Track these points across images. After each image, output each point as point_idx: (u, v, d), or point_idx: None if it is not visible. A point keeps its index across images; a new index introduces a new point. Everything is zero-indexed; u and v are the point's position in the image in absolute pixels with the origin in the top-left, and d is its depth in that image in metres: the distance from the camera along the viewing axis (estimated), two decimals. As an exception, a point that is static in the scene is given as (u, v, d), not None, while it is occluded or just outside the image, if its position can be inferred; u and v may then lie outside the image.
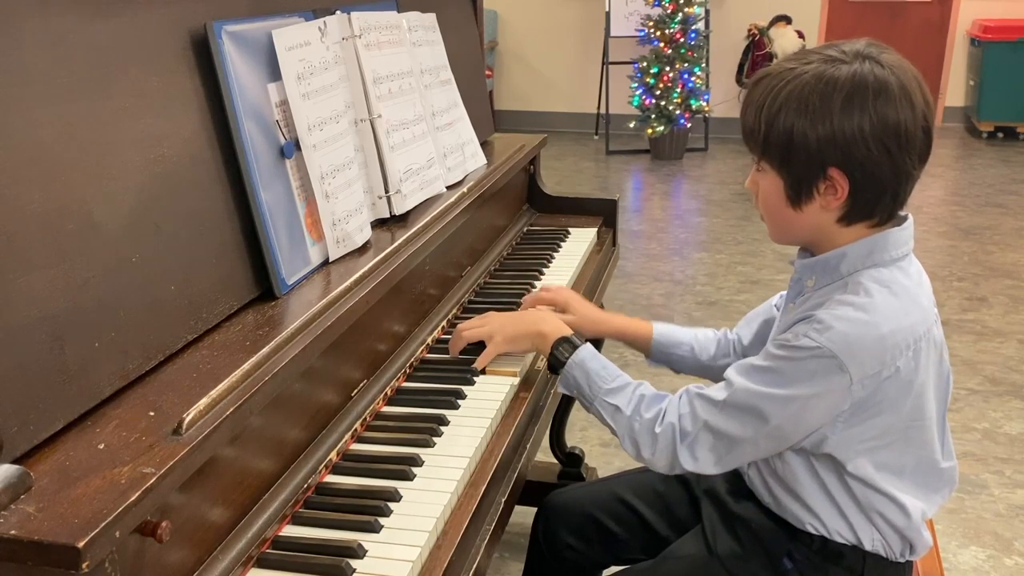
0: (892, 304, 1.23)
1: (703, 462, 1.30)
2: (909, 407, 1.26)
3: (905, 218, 1.29)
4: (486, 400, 1.47)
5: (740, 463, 1.32)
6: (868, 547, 1.32)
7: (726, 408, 1.27)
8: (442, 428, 1.38)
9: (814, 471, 1.30)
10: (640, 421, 1.34)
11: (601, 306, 1.99)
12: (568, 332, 1.49)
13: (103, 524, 0.81)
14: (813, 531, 1.33)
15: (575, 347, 1.46)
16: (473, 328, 1.58)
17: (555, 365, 1.47)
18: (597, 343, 2.01)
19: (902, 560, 1.34)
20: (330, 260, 1.45)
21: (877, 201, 1.24)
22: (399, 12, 1.81)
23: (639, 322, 1.69)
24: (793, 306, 1.34)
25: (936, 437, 1.32)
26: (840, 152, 1.19)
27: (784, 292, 1.55)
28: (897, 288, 1.24)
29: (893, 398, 1.24)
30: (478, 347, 1.60)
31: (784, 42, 7.11)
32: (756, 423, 1.25)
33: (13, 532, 0.80)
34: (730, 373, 1.30)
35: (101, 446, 0.93)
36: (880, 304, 1.22)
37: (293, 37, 1.41)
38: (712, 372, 1.66)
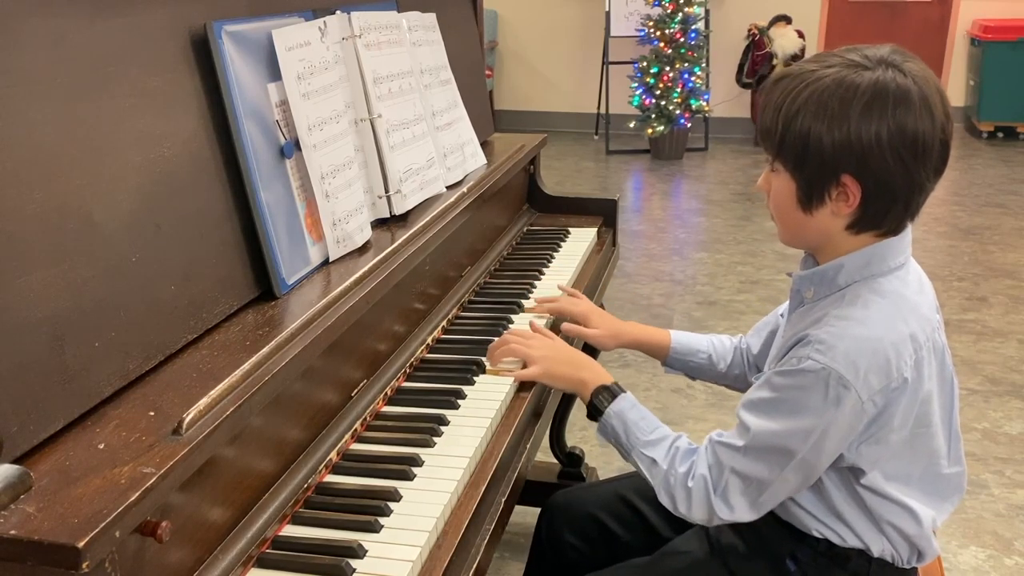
0: (891, 315, 1.22)
1: (739, 509, 1.28)
2: (915, 415, 1.25)
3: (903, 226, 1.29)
4: (486, 400, 1.47)
5: (774, 504, 1.30)
6: (876, 553, 1.31)
7: (749, 452, 1.26)
8: (442, 428, 1.38)
9: (819, 484, 1.30)
10: (675, 475, 1.32)
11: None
12: (608, 380, 1.46)
13: (103, 524, 0.81)
14: (818, 535, 1.33)
15: (614, 396, 1.43)
16: (520, 346, 1.55)
17: (594, 414, 1.45)
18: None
19: (908, 567, 1.34)
20: (330, 260, 1.45)
21: (888, 211, 1.23)
22: (399, 12, 1.81)
23: (657, 331, 1.70)
24: (795, 317, 1.33)
25: (943, 443, 1.31)
26: (855, 159, 1.18)
27: None
28: (895, 298, 1.24)
29: (903, 409, 1.23)
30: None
31: (784, 42, 7.11)
32: (781, 460, 1.24)
33: (13, 532, 0.80)
34: (742, 414, 1.29)
35: (101, 446, 0.93)
36: (879, 316, 1.22)
37: (293, 37, 1.41)
38: (727, 380, 1.67)
